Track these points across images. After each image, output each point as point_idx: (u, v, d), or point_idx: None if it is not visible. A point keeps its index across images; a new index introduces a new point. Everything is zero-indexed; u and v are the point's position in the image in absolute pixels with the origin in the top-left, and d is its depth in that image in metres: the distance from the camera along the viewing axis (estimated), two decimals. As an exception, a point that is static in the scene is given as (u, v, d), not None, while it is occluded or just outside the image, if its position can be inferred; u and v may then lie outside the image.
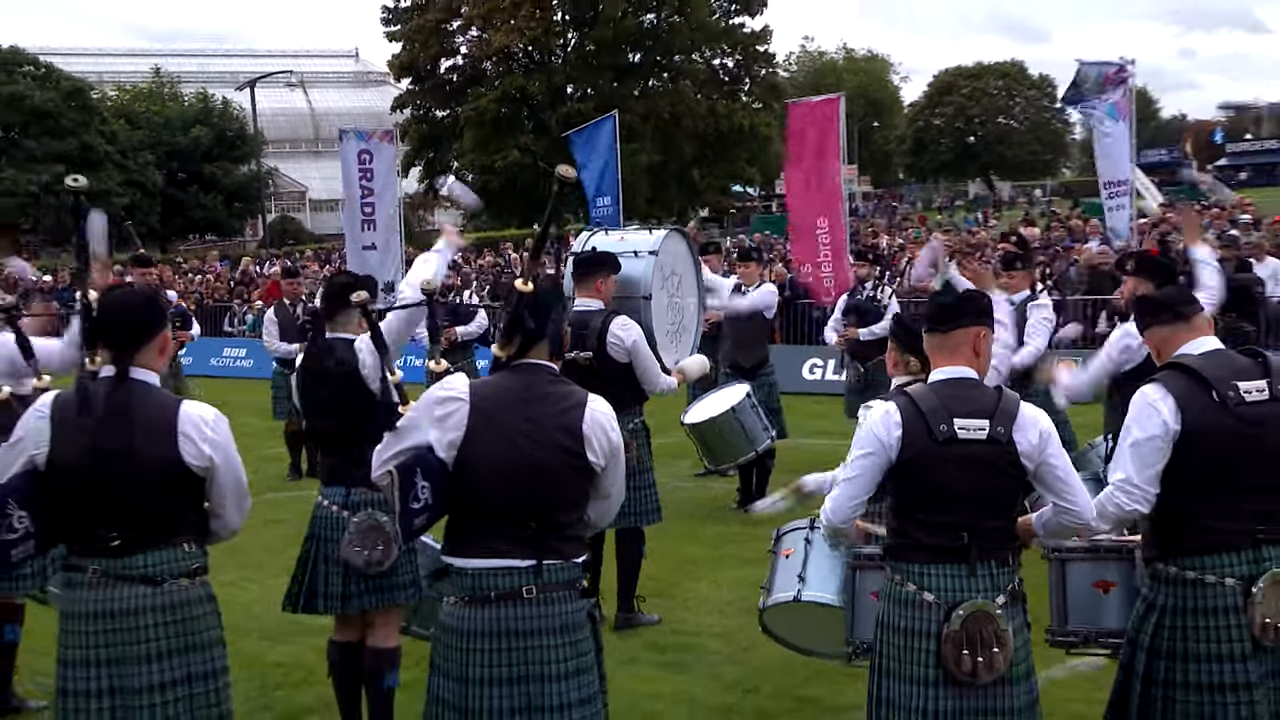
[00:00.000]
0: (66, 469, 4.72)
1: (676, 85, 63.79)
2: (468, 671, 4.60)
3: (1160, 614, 5.13)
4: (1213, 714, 5.02)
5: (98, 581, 4.76)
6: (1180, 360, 5.20)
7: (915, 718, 4.75)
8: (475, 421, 4.62)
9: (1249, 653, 5.02)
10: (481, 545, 4.64)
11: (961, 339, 4.96)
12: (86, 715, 4.73)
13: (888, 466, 4.82)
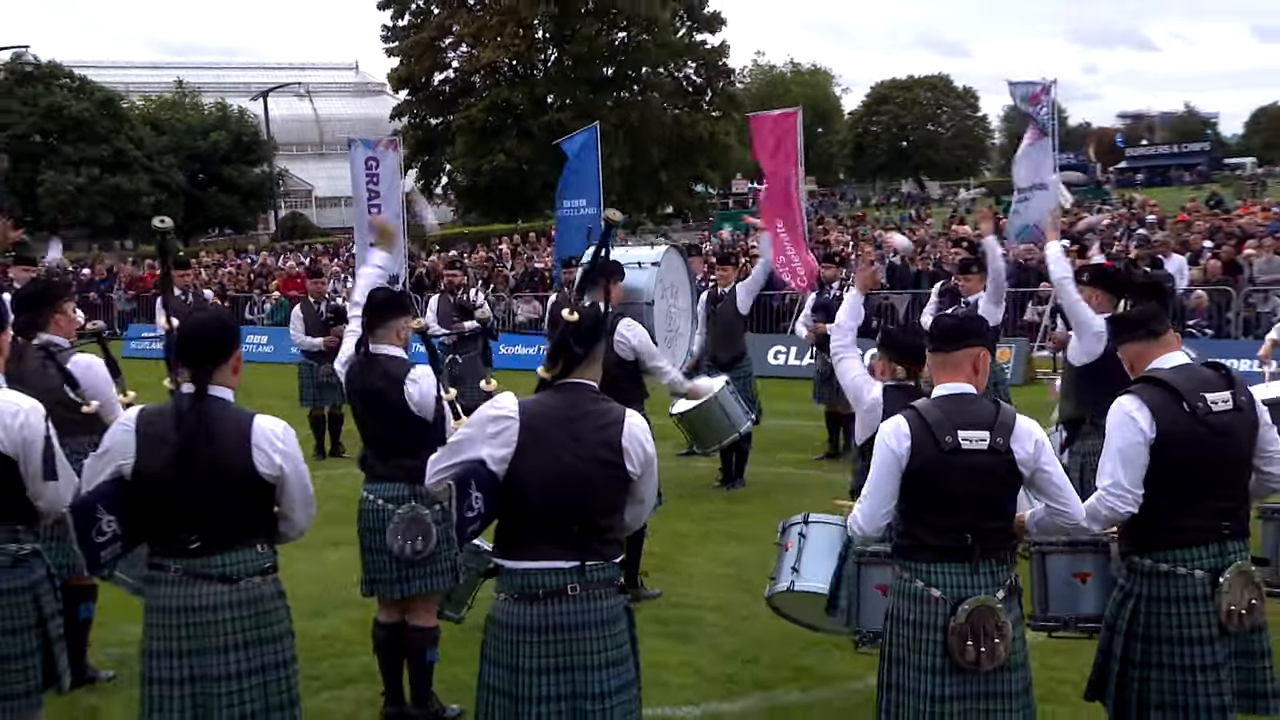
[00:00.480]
0: (151, 477, 4.66)
1: (645, 96, 63.82)
2: (517, 661, 4.56)
3: (1136, 602, 5.12)
4: (1183, 691, 5.02)
5: (180, 580, 4.72)
6: (1153, 374, 5.18)
7: (923, 702, 4.72)
8: (525, 438, 4.56)
9: (1216, 637, 5.02)
10: (529, 548, 4.60)
11: (962, 358, 4.94)
12: (170, 701, 4.69)
13: (900, 474, 4.77)
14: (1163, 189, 72.94)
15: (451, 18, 64.00)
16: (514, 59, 62.62)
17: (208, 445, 4.64)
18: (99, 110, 63.59)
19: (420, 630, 6.62)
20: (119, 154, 63.47)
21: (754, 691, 7.22)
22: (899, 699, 4.84)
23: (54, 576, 5.38)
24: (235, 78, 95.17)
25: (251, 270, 42.10)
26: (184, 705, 4.69)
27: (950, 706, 4.71)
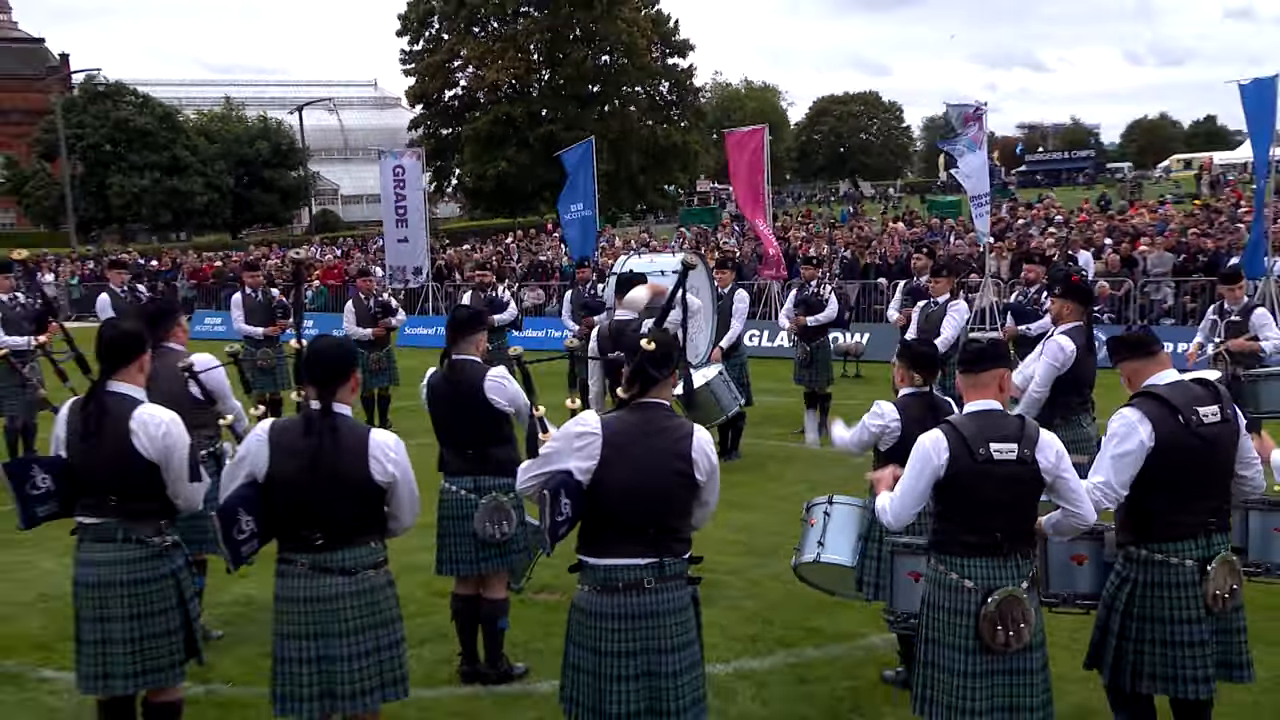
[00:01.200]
0: (283, 483, 4.64)
1: (625, 111, 63.89)
2: (600, 645, 4.51)
3: (1133, 586, 5.07)
4: (1173, 664, 4.99)
5: (306, 572, 4.70)
6: (1151, 389, 5.09)
7: (956, 678, 4.65)
8: (608, 452, 4.49)
9: (1202, 617, 4.99)
10: (611, 547, 4.54)
11: (989, 379, 4.83)
12: (299, 679, 4.67)
13: (936, 480, 4.65)
14: (1058, 189, 73.04)
15: (460, 43, 63.81)
16: (513, 79, 62.36)
17: (332, 455, 4.60)
18: (159, 123, 63.67)
19: (494, 602, 6.55)
20: (176, 160, 63.71)
21: (777, 649, 7.08)
22: (934, 675, 4.76)
23: (190, 563, 5.29)
24: (273, 94, 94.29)
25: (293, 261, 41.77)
26: (312, 682, 4.66)
27: (980, 682, 4.64)
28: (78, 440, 5.02)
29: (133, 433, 4.93)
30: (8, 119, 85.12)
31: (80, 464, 5.04)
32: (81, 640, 5.06)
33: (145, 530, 5.06)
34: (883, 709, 6.18)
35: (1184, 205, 43.98)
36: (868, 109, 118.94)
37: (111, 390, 5.05)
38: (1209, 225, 28.17)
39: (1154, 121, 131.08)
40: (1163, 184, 71.76)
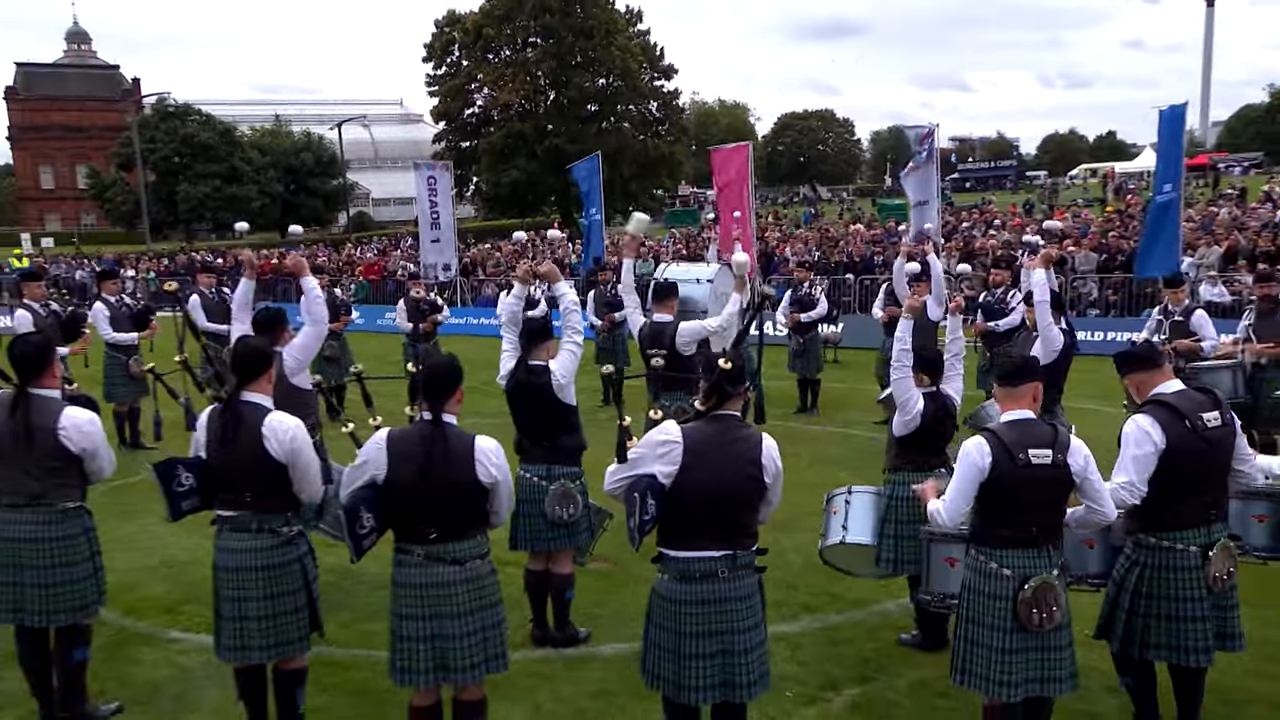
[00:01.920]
0: (400, 485, 4.54)
1: (620, 127, 63.61)
2: (680, 627, 4.43)
3: (1142, 569, 5.00)
4: (1178, 635, 4.93)
5: (421, 562, 4.60)
6: (1160, 398, 5.00)
7: (995, 653, 4.57)
8: (688, 459, 4.39)
9: (1204, 596, 4.92)
10: (689, 542, 4.45)
11: (1025, 390, 4.72)
12: (416, 654, 4.60)
13: (981, 482, 4.51)
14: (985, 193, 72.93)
15: (477, 69, 63.53)
16: (523, 99, 62.20)
17: (443, 461, 4.50)
18: (219, 138, 63.62)
19: (562, 575, 6.45)
20: (234, 170, 63.67)
21: (803, 614, 6.94)
22: (974, 650, 4.66)
23: (312, 550, 5.14)
24: (314, 111, 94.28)
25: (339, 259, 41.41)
26: (428, 657, 4.59)
27: (1016, 657, 4.55)
28: (216, 445, 4.92)
29: (265, 438, 4.85)
30: (89, 135, 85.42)
31: (218, 465, 4.95)
32: (221, 616, 4.98)
33: (275, 521, 4.98)
34: (902, 669, 6.07)
35: (1094, 209, 44.06)
36: (823, 124, 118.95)
37: (245, 400, 4.96)
38: (1124, 228, 28.10)
39: (1064, 136, 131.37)
40: (1074, 189, 71.51)
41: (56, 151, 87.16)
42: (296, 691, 5.12)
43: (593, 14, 61.23)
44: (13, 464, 5.26)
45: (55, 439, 5.23)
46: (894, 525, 6.09)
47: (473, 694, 4.70)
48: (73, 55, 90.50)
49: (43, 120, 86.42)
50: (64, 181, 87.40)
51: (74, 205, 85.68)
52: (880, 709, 5.57)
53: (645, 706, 5.57)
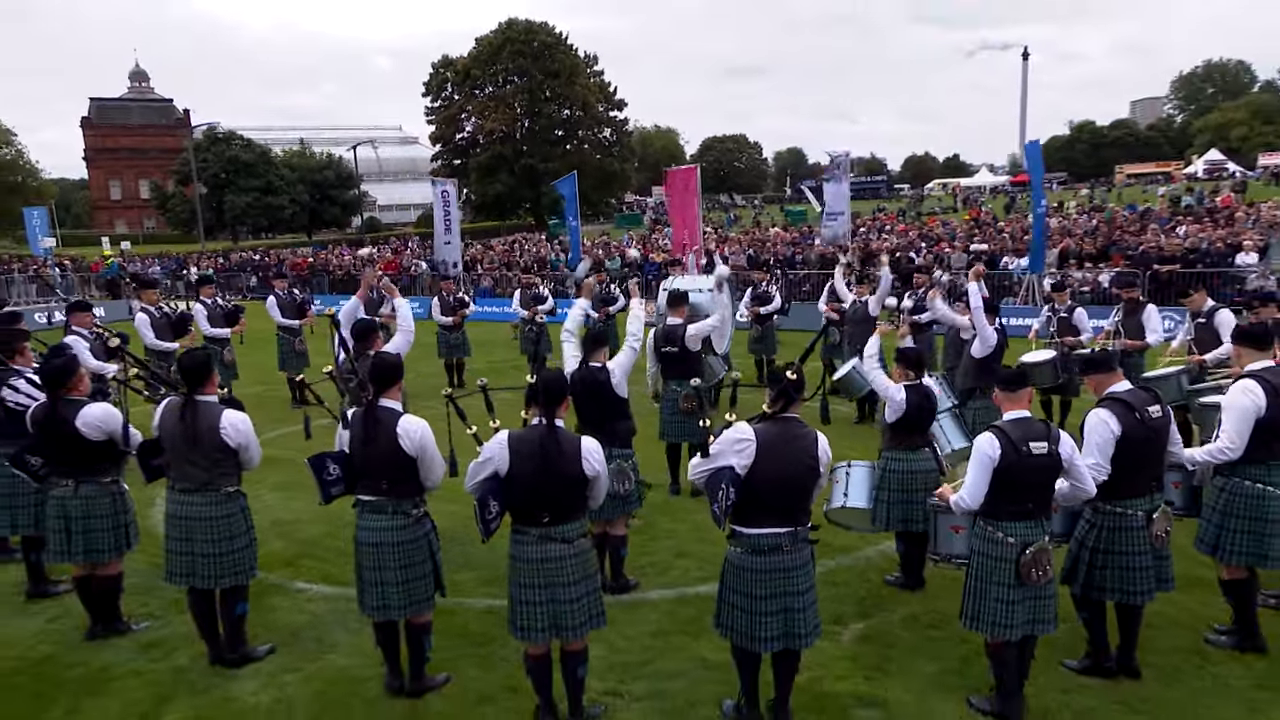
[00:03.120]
0: (520, 478, 4.37)
1: (581, 149, 63.03)
2: (750, 590, 4.36)
3: (1099, 530, 4.96)
4: (1127, 581, 4.90)
5: (536, 541, 4.44)
6: (1115, 395, 4.91)
7: (1000, 604, 4.54)
8: (760, 455, 4.28)
9: (1147, 550, 4.89)
10: (759, 521, 4.35)
11: (1022, 395, 4.65)
12: (534, 616, 4.47)
13: (993, 470, 4.43)
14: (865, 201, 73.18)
15: (467, 103, 62.50)
16: (504, 127, 61.23)
17: (556, 459, 4.35)
18: (258, 158, 61.77)
19: (618, 536, 6.29)
20: (269, 184, 61.90)
21: None
22: (982, 601, 4.60)
23: (435, 526, 4.96)
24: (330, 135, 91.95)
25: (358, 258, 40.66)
26: (544, 617, 4.45)
27: (1015, 606, 4.51)
28: (359, 443, 4.73)
29: (399, 436, 4.66)
30: (149, 155, 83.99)
31: (360, 458, 4.75)
32: (364, 581, 4.81)
33: (407, 505, 4.80)
34: (894, 606, 5.99)
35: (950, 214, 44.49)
36: (738, 146, 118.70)
37: (383, 406, 4.76)
38: (982, 233, 28.26)
39: (921, 157, 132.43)
40: (930, 199, 71.98)
41: (123, 169, 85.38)
42: (425, 640, 4.96)
43: (559, 59, 60.47)
44: (184, 458, 5.08)
45: (218, 436, 5.03)
46: (886, 493, 6.01)
47: (577, 646, 4.58)
48: (135, 91, 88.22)
49: (111, 144, 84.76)
50: (129, 193, 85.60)
51: (138, 212, 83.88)
52: (885, 640, 5.50)
53: (696, 643, 5.48)
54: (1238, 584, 5.34)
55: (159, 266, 37.00)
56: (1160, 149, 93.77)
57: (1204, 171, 71.57)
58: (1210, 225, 25.35)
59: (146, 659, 5.42)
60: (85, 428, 5.37)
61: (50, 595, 6.33)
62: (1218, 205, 33.52)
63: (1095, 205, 39.52)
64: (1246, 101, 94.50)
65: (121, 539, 5.61)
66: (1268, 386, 5.19)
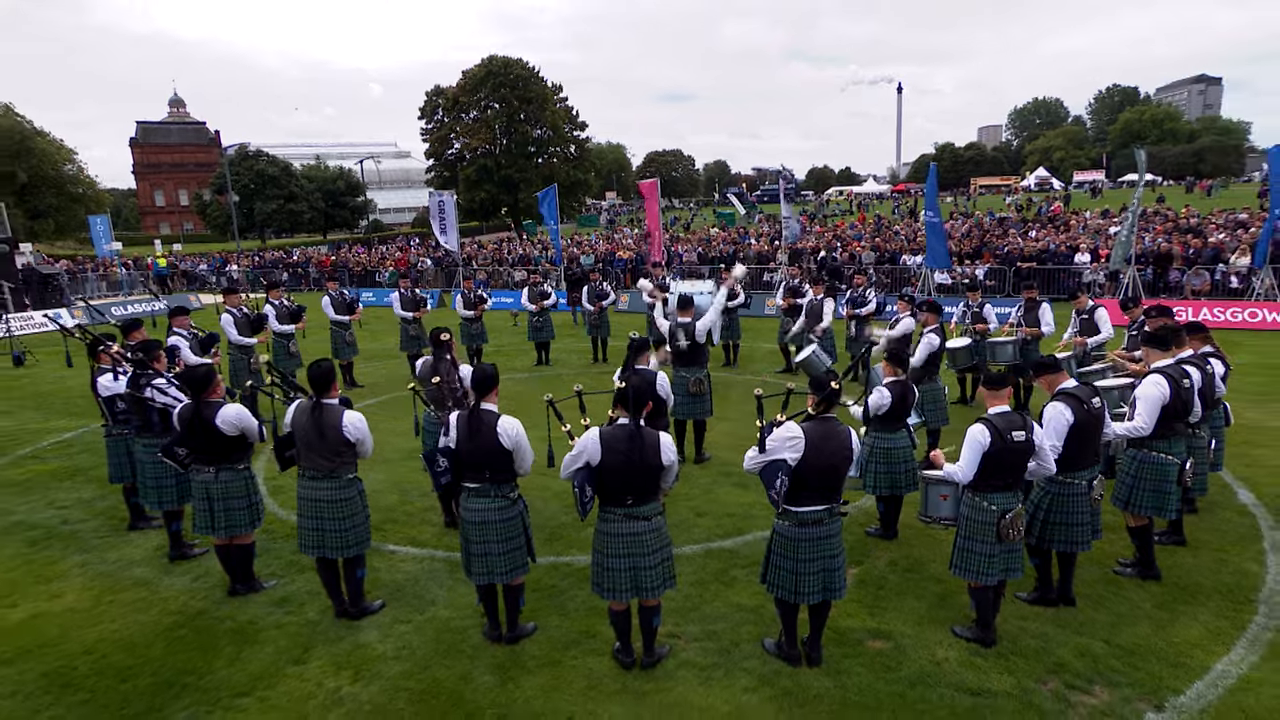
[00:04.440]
0: (611, 468, 4.28)
1: (551, 163, 61.51)
2: (796, 555, 4.35)
3: (1053, 496, 5.04)
4: (1071, 537, 4.98)
5: (621, 519, 4.36)
6: (1066, 390, 4.98)
7: (982, 558, 4.63)
8: (808, 448, 4.22)
9: (1088, 510, 4.98)
10: (804, 500, 4.31)
11: (1005, 393, 4.66)
12: (618, 579, 4.41)
13: (983, 453, 4.47)
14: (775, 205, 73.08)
15: (455, 124, 60.45)
16: (486, 144, 59.39)
17: (641, 451, 4.26)
18: (281, 172, 59.14)
19: None
20: (291, 193, 59.39)
21: None
22: (969, 556, 4.67)
23: (527, 506, 4.86)
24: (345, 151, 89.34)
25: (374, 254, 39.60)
26: (627, 580, 4.40)
27: (994, 559, 4.59)
28: (465, 440, 4.59)
29: (499, 434, 4.55)
30: (186, 169, 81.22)
31: (466, 452, 4.61)
32: (470, 554, 4.71)
33: (505, 490, 4.68)
34: (877, 553, 6.01)
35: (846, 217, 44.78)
36: (675, 159, 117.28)
37: (484, 409, 4.63)
38: (881, 234, 28.54)
39: (820, 168, 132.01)
40: (830, 204, 72.33)
41: (165, 180, 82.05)
42: (519, 598, 4.90)
43: (532, 89, 58.99)
44: (313, 450, 4.92)
45: (340, 433, 4.88)
46: (873, 464, 6.04)
47: (653, 602, 4.53)
48: (174, 115, 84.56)
49: (154, 160, 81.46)
50: (170, 200, 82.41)
51: (178, 216, 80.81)
52: (876, 583, 5.54)
53: (729, 590, 5.47)
54: (1142, 529, 5.53)
55: (205, 265, 35.57)
56: (1002, 166, 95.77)
57: (1035, 184, 73.29)
58: (1053, 231, 25.97)
59: (282, 613, 5.28)
60: (223, 425, 5.18)
61: (189, 557, 6.13)
62: (1053, 213, 34.34)
63: (963, 211, 40.17)
64: (1063, 131, 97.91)
65: (255, 515, 5.44)
66: (1171, 380, 5.35)
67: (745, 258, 25.55)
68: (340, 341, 12.40)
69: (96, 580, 5.79)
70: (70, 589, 5.67)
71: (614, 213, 76.16)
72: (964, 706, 4.19)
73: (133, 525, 6.74)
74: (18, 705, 4.35)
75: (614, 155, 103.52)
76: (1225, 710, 4.20)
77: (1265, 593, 5.36)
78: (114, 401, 6.28)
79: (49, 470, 8.40)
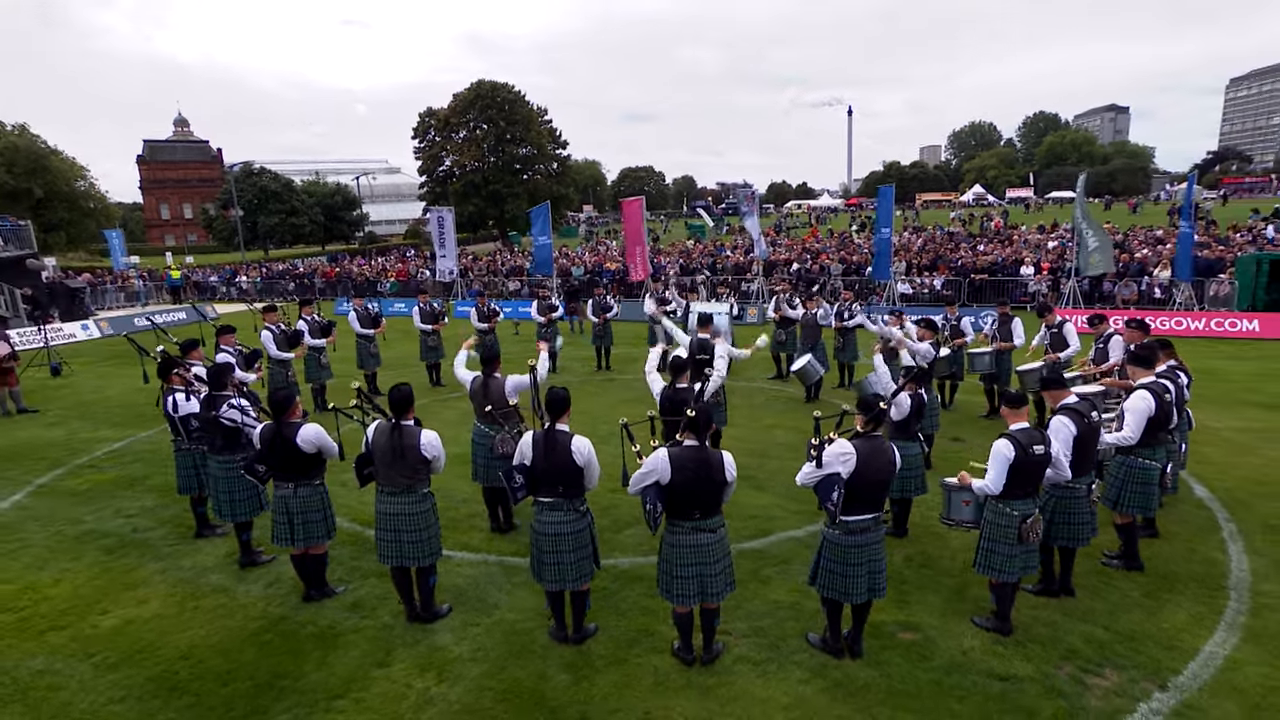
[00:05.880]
0: (679, 486, 4.29)
1: (535, 179, 61.09)
2: (845, 559, 4.41)
3: (1056, 500, 5.13)
4: (1073, 533, 5.11)
5: (688, 532, 4.39)
6: (1069, 405, 5.08)
7: (1004, 557, 4.72)
8: (859, 463, 4.28)
9: (1088, 510, 5.11)
10: (855, 510, 4.37)
11: (1023, 410, 4.77)
12: (686, 585, 4.42)
13: (1009, 466, 4.57)
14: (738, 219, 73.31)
15: (445, 143, 59.57)
16: (475, 161, 58.81)
17: (707, 470, 4.29)
18: (283, 188, 58.00)
19: None
20: (293, 208, 58.20)
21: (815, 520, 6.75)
22: (992, 556, 4.77)
23: (593, 518, 4.87)
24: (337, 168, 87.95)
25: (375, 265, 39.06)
26: (694, 586, 4.43)
27: (1015, 559, 4.67)
28: (541, 459, 4.59)
29: (573, 452, 4.55)
30: (190, 185, 79.05)
31: (542, 470, 4.61)
32: (543, 563, 4.70)
33: (576, 504, 4.69)
34: (894, 549, 5.98)
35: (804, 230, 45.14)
36: (647, 174, 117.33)
37: (558, 429, 4.63)
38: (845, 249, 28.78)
39: (779, 183, 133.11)
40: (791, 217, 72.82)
41: (170, 195, 79.72)
42: (586, 601, 4.90)
43: (519, 111, 58.56)
44: (391, 468, 4.89)
45: (418, 452, 4.85)
46: None
47: (714, 605, 4.55)
48: (178, 134, 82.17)
49: (160, 176, 79.13)
50: (175, 214, 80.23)
51: (182, 228, 78.79)
52: (896, 576, 5.57)
53: (766, 588, 5.50)
54: (1128, 526, 5.71)
55: (216, 276, 34.86)
56: (943, 183, 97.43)
57: (973, 199, 74.64)
58: (999, 245, 26.47)
59: (358, 617, 5.24)
60: (303, 443, 5.13)
61: (259, 564, 6.05)
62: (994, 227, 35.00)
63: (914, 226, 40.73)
64: (996, 152, 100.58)
65: (329, 526, 5.39)
66: (1155, 395, 5.53)
67: (725, 268, 25.63)
68: (364, 353, 12.30)
69: (178, 587, 5.70)
70: (154, 595, 5.57)
71: (591, 225, 76.02)
72: (995, 691, 4.32)
73: (199, 533, 6.63)
74: (131, 709, 4.29)
75: (590, 171, 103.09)
76: (1219, 688, 4.38)
77: (1233, 580, 5.57)
78: (189, 420, 6.18)
79: (109, 480, 8.21)
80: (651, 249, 36.25)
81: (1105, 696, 4.28)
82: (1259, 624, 4.97)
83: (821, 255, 25.90)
